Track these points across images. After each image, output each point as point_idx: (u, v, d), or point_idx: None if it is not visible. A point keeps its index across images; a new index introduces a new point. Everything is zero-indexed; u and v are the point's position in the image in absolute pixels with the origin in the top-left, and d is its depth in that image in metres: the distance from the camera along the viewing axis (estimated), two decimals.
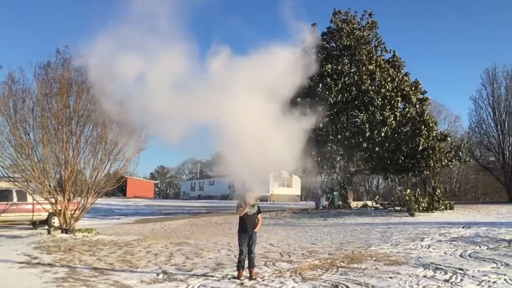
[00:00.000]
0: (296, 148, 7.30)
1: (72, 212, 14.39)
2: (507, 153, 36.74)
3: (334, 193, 29.42)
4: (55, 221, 16.37)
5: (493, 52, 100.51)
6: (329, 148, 24.63)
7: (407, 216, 20.52)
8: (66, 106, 14.18)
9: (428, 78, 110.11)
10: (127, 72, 7.67)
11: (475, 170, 44.82)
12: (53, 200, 14.15)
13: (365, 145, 24.78)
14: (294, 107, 8.20)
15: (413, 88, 26.90)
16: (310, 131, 11.02)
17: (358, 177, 50.94)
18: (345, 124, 25.72)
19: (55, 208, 14.30)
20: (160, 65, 7.51)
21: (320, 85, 24.52)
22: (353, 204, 29.22)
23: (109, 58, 7.92)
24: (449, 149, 26.81)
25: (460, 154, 27.02)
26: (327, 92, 24.51)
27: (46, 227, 16.63)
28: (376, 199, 29.64)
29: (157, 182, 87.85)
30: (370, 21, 28.39)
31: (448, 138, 26.89)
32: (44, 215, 17.11)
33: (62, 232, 13.95)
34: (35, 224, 17.63)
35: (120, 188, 54.56)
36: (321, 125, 22.89)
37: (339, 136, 25.04)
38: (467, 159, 30.71)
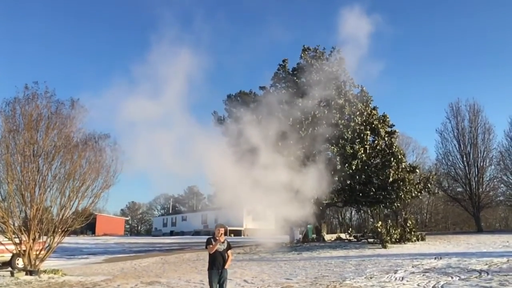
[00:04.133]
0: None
1: (38, 253, 13.81)
2: (474, 183, 37.69)
3: (308, 226, 29.35)
4: (19, 262, 15.61)
5: (456, 86, 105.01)
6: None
7: (380, 248, 20.59)
8: (33, 142, 13.83)
9: (395, 111, 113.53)
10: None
11: (444, 201, 45.71)
12: (17, 240, 13.58)
13: (337, 177, 25.02)
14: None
15: (381, 121, 27.60)
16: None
17: (332, 210, 51.19)
18: (316, 157, 25.96)
19: (19, 249, 13.70)
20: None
21: (291, 119, 24.83)
22: (327, 237, 29.18)
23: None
24: (418, 181, 27.36)
25: (429, 185, 27.62)
26: (297, 126, 24.84)
27: (9, 269, 15.81)
28: (349, 231, 29.71)
29: (127, 218, 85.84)
30: (338, 57, 29.24)
31: (417, 170, 27.53)
32: (7, 256, 16.30)
33: (26, 274, 13.32)
34: None
35: (89, 226, 52.87)
36: (292, 158, 23.06)
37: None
38: (436, 191, 31.37)
